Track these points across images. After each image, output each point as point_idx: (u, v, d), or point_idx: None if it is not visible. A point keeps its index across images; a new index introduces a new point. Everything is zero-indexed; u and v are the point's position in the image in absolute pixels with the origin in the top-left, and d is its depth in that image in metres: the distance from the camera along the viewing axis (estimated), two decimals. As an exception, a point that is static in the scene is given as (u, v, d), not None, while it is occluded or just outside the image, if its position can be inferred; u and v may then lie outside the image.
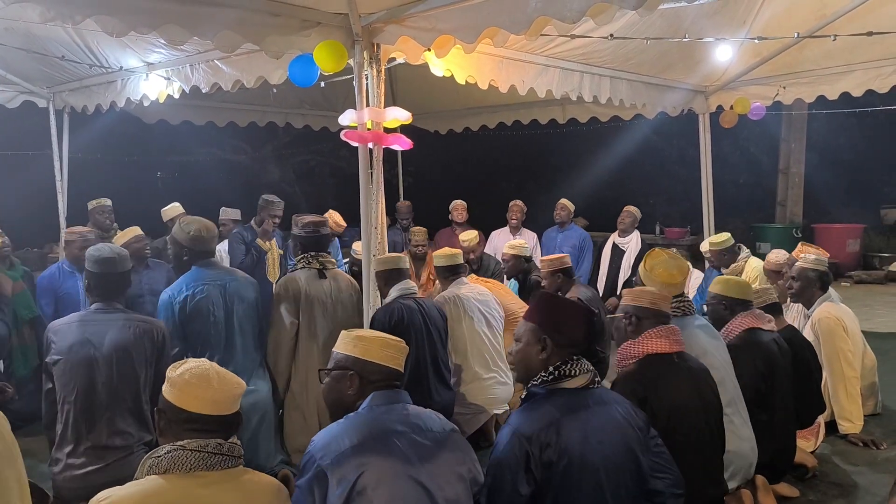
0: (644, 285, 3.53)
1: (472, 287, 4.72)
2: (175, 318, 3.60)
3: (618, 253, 7.33)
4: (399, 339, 2.31)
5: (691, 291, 6.36)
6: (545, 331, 2.31)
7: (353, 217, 5.86)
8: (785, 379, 3.70)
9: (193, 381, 1.91)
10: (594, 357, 4.46)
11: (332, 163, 15.68)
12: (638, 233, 7.37)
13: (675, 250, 6.33)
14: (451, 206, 7.66)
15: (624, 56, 5.45)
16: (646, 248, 7.23)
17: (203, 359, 2.04)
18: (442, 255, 4.81)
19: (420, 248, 6.46)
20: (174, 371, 1.95)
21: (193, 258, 3.76)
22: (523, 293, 5.71)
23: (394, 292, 4.10)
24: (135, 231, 5.23)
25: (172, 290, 3.69)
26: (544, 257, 5.49)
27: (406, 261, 4.34)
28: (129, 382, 3.21)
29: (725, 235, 6.04)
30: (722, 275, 6.14)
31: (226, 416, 1.94)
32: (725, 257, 5.96)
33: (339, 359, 2.24)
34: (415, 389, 2.30)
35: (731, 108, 6.64)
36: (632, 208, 7.42)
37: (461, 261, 4.86)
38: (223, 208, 6.90)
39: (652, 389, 2.85)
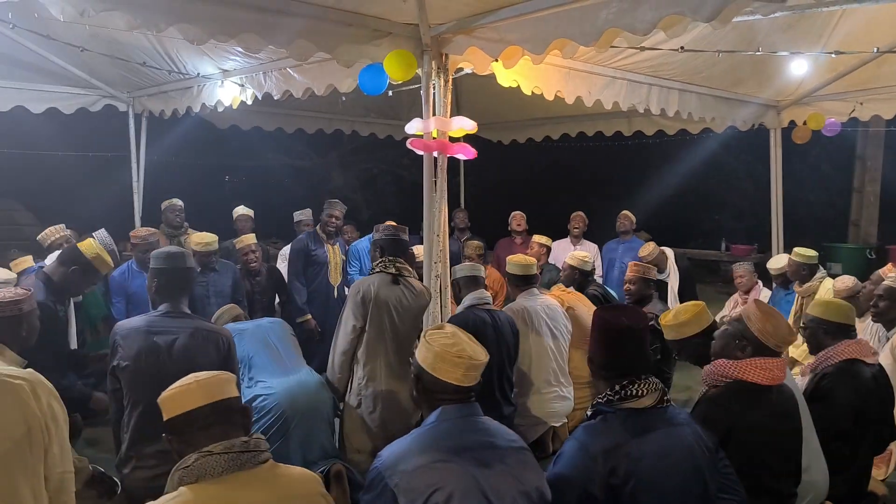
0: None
1: (542, 299, 4.68)
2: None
3: (661, 285, 7.15)
4: (464, 356, 2.16)
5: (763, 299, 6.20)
6: (589, 351, 2.32)
7: (412, 226, 5.95)
8: (877, 417, 3.43)
9: (174, 391, 1.94)
10: (660, 377, 4.40)
11: (394, 171, 15.87)
12: (674, 263, 7.04)
13: (745, 264, 6.17)
14: (510, 217, 7.66)
15: (694, 69, 5.37)
16: (685, 274, 6.84)
17: None
18: (516, 262, 4.76)
19: (478, 261, 6.42)
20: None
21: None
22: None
23: (468, 300, 4.14)
24: (205, 237, 5.44)
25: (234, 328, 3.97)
26: (634, 262, 5.41)
27: (483, 270, 4.37)
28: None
29: (813, 252, 5.86)
30: (791, 293, 5.99)
31: (219, 402, 1.90)
32: (803, 273, 5.77)
33: (413, 361, 2.25)
34: (481, 402, 2.28)
35: (805, 123, 6.46)
36: (666, 251, 6.66)
37: (535, 271, 4.83)
38: (296, 212, 7.10)
39: (740, 420, 2.66)
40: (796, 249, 5.93)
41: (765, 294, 6.26)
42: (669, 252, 6.55)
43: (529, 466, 2.14)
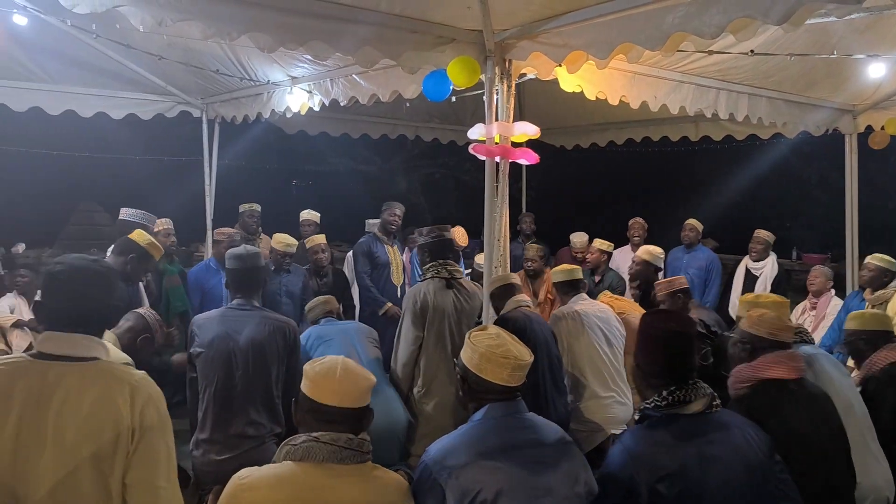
0: None
1: (591, 303, 4.66)
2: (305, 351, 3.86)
3: (751, 278, 6.98)
4: (509, 356, 2.16)
5: (829, 316, 6.00)
6: (636, 356, 2.30)
7: (474, 231, 5.96)
8: None
9: (321, 373, 2.03)
10: (720, 382, 4.30)
11: (456, 176, 15.95)
12: (774, 256, 7.00)
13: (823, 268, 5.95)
14: (570, 237, 7.49)
15: (764, 73, 5.22)
16: (783, 273, 6.87)
17: (340, 356, 2.15)
18: (560, 270, 4.77)
19: (531, 265, 6.39)
20: (310, 366, 2.08)
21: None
22: (645, 304, 5.51)
23: (510, 305, 4.14)
24: (287, 239, 5.63)
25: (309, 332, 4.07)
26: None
27: (516, 276, 4.36)
28: (263, 376, 3.41)
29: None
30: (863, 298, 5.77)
31: (352, 409, 2.02)
32: (885, 279, 5.55)
33: (458, 362, 2.29)
34: (531, 400, 2.29)
35: (883, 128, 6.20)
36: (763, 233, 7.05)
37: (580, 276, 4.80)
38: (367, 220, 7.24)
39: (766, 417, 2.64)
40: (878, 255, 5.70)
41: (835, 303, 6.04)
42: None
43: (576, 461, 2.15)
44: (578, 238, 7.33)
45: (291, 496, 1.86)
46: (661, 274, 5.76)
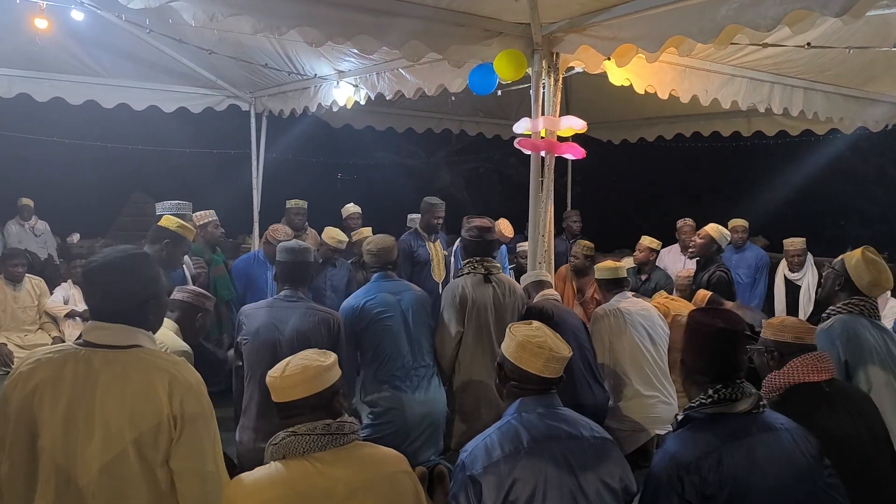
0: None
1: (634, 301, 4.58)
2: (350, 324, 3.77)
3: (792, 287, 6.78)
4: (545, 346, 2.17)
5: (886, 319, 5.80)
6: (682, 353, 2.25)
7: (518, 225, 5.91)
8: None
9: (273, 374, 2.10)
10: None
11: (500, 170, 15.87)
12: (811, 260, 6.75)
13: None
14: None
15: (820, 66, 5.06)
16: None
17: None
18: (605, 268, 4.68)
19: (574, 261, 6.31)
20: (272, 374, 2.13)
21: (374, 269, 4.03)
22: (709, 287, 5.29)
23: (538, 298, 4.13)
24: (339, 234, 5.70)
25: (352, 299, 3.92)
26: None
27: (547, 274, 4.33)
28: (307, 366, 3.44)
29: None
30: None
31: (309, 396, 2.03)
32: None
33: (499, 351, 2.30)
34: (564, 389, 2.28)
35: (947, 123, 5.97)
36: (797, 242, 6.79)
37: (625, 274, 4.73)
38: (410, 215, 7.27)
39: (800, 421, 2.51)
40: None
41: (892, 305, 5.84)
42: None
43: (613, 458, 2.14)
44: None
45: (286, 492, 1.90)
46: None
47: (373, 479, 1.99)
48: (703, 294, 4.97)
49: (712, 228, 5.49)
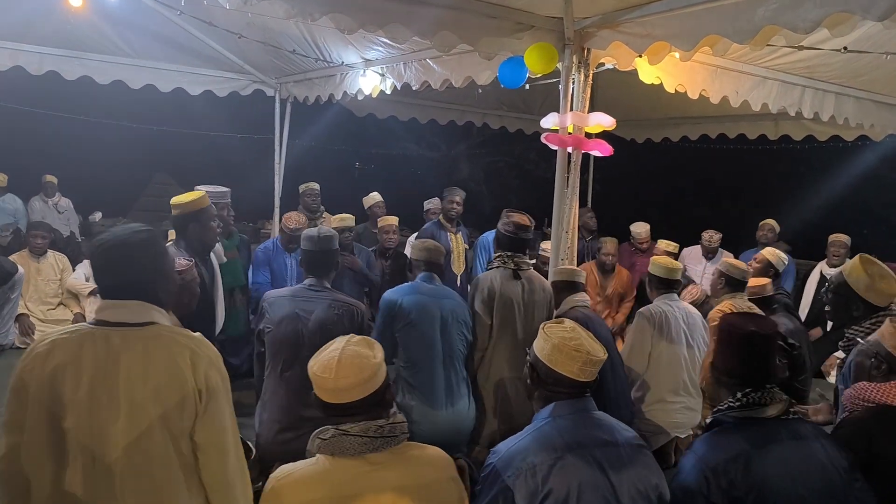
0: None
1: (682, 305, 4.46)
2: (386, 316, 3.72)
3: (825, 284, 6.70)
4: (582, 350, 2.13)
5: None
6: (713, 356, 2.21)
7: (535, 221, 5.87)
8: None
9: (319, 374, 1.97)
10: (795, 394, 4.13)
11: (520, 165, 15.83)
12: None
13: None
14: (631, 228, 7.31)
15: (854, 71, 4.98)
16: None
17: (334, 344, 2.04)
18: (661, 265, 4.47)
19: (610, 259, 6.32)
20: (310, 364, 2.02)
21: (421, 270, 3.95)
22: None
23: (566, 304, 4.05)
24: (342, 219, 5.62)
25: (394, 293, 3.81)
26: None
27: (583, 275, 4.26)
28: (328, 358, 3.42)
29: None
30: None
31: (365, 398, 1.95)
32: None
33: (530, 351, 2.26)
34: (597, 401, 2.24)
35: (980, 134, 5.86)
36: (842, 237, 6.78)
37: (678, 277, 4.52)
38: (426, 201, 7.26)
39: (886, 449, 2.39)
40: None
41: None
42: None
43: (648, 464, 2.10)
44: (639, 228, 7.19)
45: (330, 493, 1.87)
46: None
47: (421, 483, 1.95)
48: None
49: (769, 253, 5.35)
